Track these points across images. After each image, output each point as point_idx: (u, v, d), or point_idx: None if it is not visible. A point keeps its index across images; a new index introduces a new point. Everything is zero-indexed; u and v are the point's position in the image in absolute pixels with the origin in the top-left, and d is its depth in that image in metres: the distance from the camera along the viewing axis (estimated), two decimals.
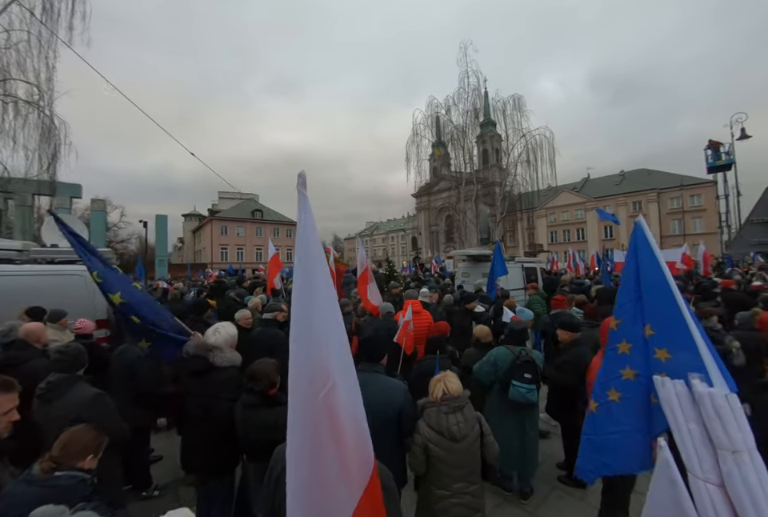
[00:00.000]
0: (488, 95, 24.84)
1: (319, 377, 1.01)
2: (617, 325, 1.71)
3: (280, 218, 47.72)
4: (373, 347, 2.21)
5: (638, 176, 41.16)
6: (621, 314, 1.71)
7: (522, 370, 2.82)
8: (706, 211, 33.55)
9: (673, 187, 35.80)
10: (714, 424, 1.12)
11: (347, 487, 1.05)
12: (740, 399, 1.16)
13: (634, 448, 1.60)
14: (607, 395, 1.68)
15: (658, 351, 1.55)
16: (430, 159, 26.59)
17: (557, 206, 44.08)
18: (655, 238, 1.66)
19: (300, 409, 0.97)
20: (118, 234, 45.47)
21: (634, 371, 1.62)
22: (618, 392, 1.66)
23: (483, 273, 9.82)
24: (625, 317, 1.68)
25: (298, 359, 0.99)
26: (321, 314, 1.05)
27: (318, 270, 1.09)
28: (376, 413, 2.01)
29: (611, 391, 1.67)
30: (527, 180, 23.09)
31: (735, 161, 18.50)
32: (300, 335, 1.01)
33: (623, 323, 1.69)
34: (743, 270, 12.03)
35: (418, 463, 1.99)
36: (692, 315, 1.43)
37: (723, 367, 1.30)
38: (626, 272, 1.70)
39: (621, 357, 1.68)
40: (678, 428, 1.22)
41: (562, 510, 3.06)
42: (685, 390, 1.22)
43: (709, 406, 1.14)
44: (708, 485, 1.13)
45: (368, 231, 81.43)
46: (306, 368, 1.00)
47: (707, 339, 1.38)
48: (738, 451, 1.08)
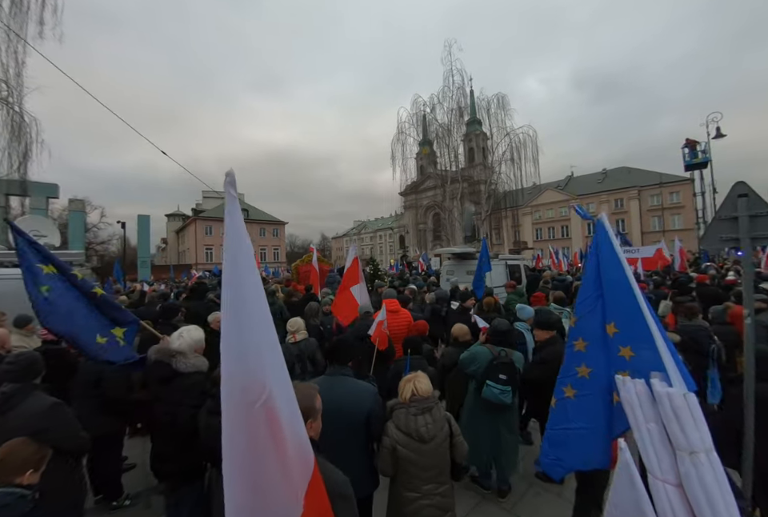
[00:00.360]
0: (474, 94, 25.01)
1: (254, 386, 0.97)
2: (575, 322, 1.70)
3: (267, 217, 47.14)
4: (339, 351, 2.17)
5: (619, 174, 42.06)
6: (579, 311, 1.70)
7: (497, 371, 2.81)
8: (684, 208, 34.47)
9: (652, 185, 36.68)
10: (672, 424, 1.11)
11: (292, 493, 1.02)
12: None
13: (587, 446, 1.60)
14: (564, 392, 1.67)
15: (623, 349, 1.54)
16: (417, 157, 26.63)
17: (542, 204, 44.69)
18: (636, 234, 1.65)
19: (236, 419, 0.93)
20: (98, 236, 44.25)
21: (588, 369, 1.62)
22: (573, 389, 1.65)
23: (468, 271, 9.85)
24: (583, 314, 1.68)
25: (231, 369, 0.95)
26: (252, 324, 1.00)
27: (247, 280, 1.03)
28: (344, 416, 1.97)
29: (567, 388, 1.67)
30: (511, 178, 23.35)
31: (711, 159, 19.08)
32: (231, 346, 0.96)
33: (580, 321, 1.68)
34: (719, 265, 12.38)
35: (386, 465, 1.96)
36: (652, 313, 1.42)
37: (682, 366, 1.29)
38: (587, 269, 1.69)
39: (576, 354, 1.67)
40: (637, 428, 1.20)
41: (539, 506, 3.07)
42: (645, 389, 1.21)
43: (667, 406, 1.13)
44: (666, 485, 1.12)
45: (355, 230, 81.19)
46: (240, 378, 0.96)
47: (666, 338, 1.37)
48: (695, 452, 1.06)
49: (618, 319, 1.55)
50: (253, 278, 1.05)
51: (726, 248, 2.74)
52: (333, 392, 2.05)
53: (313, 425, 1.43)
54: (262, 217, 46.77)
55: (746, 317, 2.44)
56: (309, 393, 1.47)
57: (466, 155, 30.09)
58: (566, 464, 1.67)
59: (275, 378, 1.03)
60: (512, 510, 3.04)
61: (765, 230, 2.42)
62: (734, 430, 2.35)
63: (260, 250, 44.75)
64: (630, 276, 1.50)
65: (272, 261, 43.23)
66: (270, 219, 46.98)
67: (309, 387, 1.52)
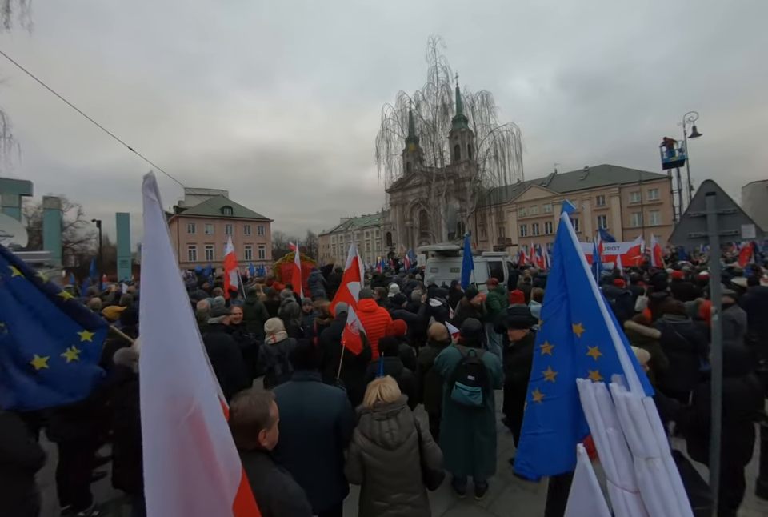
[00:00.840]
0: (459, 91, 25.00)
1: (180, 399, 0.91)
2: (541, 325, 1.68)
3: (252, 215, 46.44)
4: (305, 355, 2.10)
5: (600, 171, 42.91)
6: (544, 313, 1.67)
7: (465, 372, 2.77)
8: (663, 205, 35.38)
9: (632, 182, 37.52)
10: (630, 429, 1.09)
11: (223, 503, 0.97)
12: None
13: (553, 451, 1.58)
14: (533, 396, 1.65)
15: (591, 349, 1.52)
16: (404, 154, 26.51)
17: (526, 201, 45.24)
18: (617, 230, 1.63)
19: (160, 432, 0.87)
20: (75, 234, 42.90)
21: (554, 373, 1.60)
22: (541, 393, 1.63)
23: (451, 268, 9.87)
24: (548, 316, 1.65)
25: (154, 381, 0.89)
26: (177, 334, 0.93)
27: (171, 291, 0.97)
28: (312, 422, 1.91)
29: (536, 392, 1.64)
30: (495, 175, 23.45)
31: (687, 157, 19.58)
32: (155, 357, 0.89)
33: (546, 323, 1.66)
34: (694, 261, 12.74)
35: (353, 472, 1.89)
36: (611, 314, 1.39)
37: (640, 369, 1.27)
38: (552, 271, 1.66)
39: (544, 358, 1.65)
40: (597, 432, 1.18)
41: (517, 504, 3.07)
42: (605, 393, 1.19)
43: (625, 410, 1.10)
44: (624, 492, 1.10)
45: (342, 227, 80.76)
46: (165, 390, 0.90)
47: (625, 341, 1.34)
48: (652, 458, 1.04)
49: (584, 319, 1.52)
50: (177, 287, 0.98)
51: (701, 244, 2.78)
52: (300, 398, 1.98)
53: (267, 434, 1.36)
54: (246, 215, 46.04)
55: (714, 314, 2.47)
56: (263, 401, 1.39)
57: (452, 152, 30.14)
58: (535, 470, 1.65)
59: (202, 387, 0.97)
60: (489, 508, 3.03)
61: (732, 228, 2.45)
62: (702, 425, 2.39)
63: (245, 248, 44.12)
64: (590, 277, 1.47)
65: (257, 259, 42.62)
66: (255, 217, 46.27)
67: (264, 395, 1.44)
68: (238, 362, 3.77)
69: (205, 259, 39.62)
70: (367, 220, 75.15)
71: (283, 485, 1.29)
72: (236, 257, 8.14)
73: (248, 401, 1.37)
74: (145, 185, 0.93)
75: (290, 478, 1.35)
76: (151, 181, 0.93)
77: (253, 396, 1.40)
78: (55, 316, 2.57)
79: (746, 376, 2.57)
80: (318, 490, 1.86)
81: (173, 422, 0.88)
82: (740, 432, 2.49)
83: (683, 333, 3.77)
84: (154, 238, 0.95)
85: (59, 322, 2.59)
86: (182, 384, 0.92)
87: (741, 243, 9.62)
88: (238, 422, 1.31)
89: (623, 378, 1.19)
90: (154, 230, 0.95)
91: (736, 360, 2.52)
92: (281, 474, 1.34)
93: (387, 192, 27.57)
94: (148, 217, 0.94)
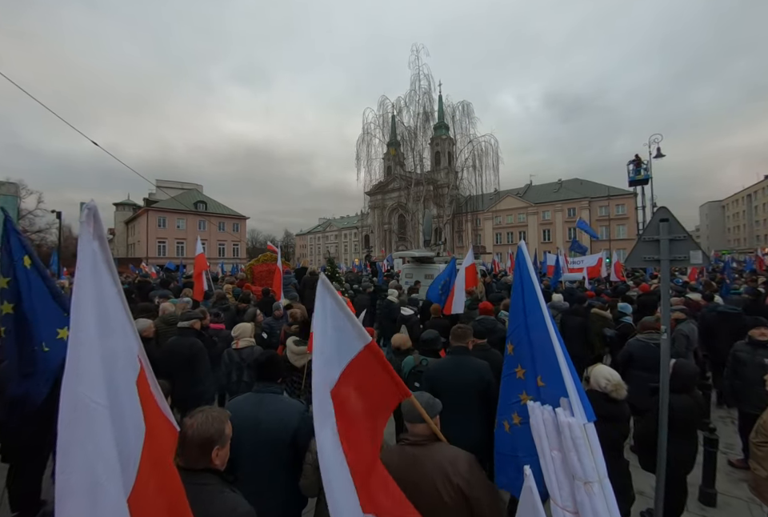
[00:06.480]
0: (442, 99, 25.37)
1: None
2: (512, 349, 1.71)
3: (227, 211, 45.22)
4: (265, 367, 2.06)
5: (572, 185, 44.84)
6: (513, 338, 1.70)
7: (413, 380, 2.82)
8: (629, 219, 37.33)
9: (601, 197, 39.38)
10: (572, 454, 1.14)
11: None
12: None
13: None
14: (512, 418, 1.68)
15: (538, 378, 1.57)
16: (385, 158, 26.59)
17: (502, 210, 46.54)
18: (586, 242, 1.69)
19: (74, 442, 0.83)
20: (34, 223, 40.43)
21: (529, 397, 1.62)
22: (519, 416, 1.66)
23: (426, 274, 9.98)
24: (517, 341, 1.68)
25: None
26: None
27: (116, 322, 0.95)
28: (265, 433, 1.88)
29: (514, 415, 1.67)
30: (473, 184, 23.92)
31: (652, 177, 20.68)
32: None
33: (517, 348, 1.69)
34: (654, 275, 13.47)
35: (309, 484, 1.85)
36: (560, 341, 1.44)
37: (584, 395, 1.33)
38: (514, 297, 1.70)
39: (518, 382, 1.68)
40: (543, 454, 1.23)
41: None
42: (551, 417, 1.23)
43: (568, 436, 1.15)
44: (566, 513, 1.15)
45: (321, 228, 80.00)
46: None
47: (572, 366, 1.40)
48: (590, 482, 1.10)
49: (535, 348, 1.56)
50: (121, 315, 0.95)
51: (653, 266, 2.95)
52: (258, 409, 1.95)
53: (219, 453, 1.33)
54: (221, 210, 44.80)
55: (663, 333, 2.62)
56: (219, 418, 1.37)
57: (432, 159, 30.49)
58: (510, 489, 1.69)
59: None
60: None
61: (682, 253, 2.61)
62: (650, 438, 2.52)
63: (218, 245, 42.88)
64: (541, 301, 1.51)
65: (231, 257, 41.51)
66: (231, 213, 45.09)
67: (220, 412, 1.41)
68: (206, 368, 3.66)
69: (175, 255, 38.17)
70: (346, 221, 74.84)
71: (232, 507, 1.26)
72: (206, 258, 7.81)
73: (204, 417, 1.35)
74: (84, 215, 0.89)
75: (240, 499, 1.32)
76: (92, 211, 0.89)
77: (209, 413, 1.37)
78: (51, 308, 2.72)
79: (692, 392, 2.74)
80: (273, 502, 1.83)
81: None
82: (684, 444, 2.64)
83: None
84: (88, 280, 0.93)
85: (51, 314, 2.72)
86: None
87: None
88: (191, 437, 1.28)
89: (569, 402, 1.25)
90: (93, 271, 0.94)
91: (684, 378, 2.68)
92: (231, 495, 1.31)
93: (367, 194, 27.52)
94: (84, 255, 0.91)
